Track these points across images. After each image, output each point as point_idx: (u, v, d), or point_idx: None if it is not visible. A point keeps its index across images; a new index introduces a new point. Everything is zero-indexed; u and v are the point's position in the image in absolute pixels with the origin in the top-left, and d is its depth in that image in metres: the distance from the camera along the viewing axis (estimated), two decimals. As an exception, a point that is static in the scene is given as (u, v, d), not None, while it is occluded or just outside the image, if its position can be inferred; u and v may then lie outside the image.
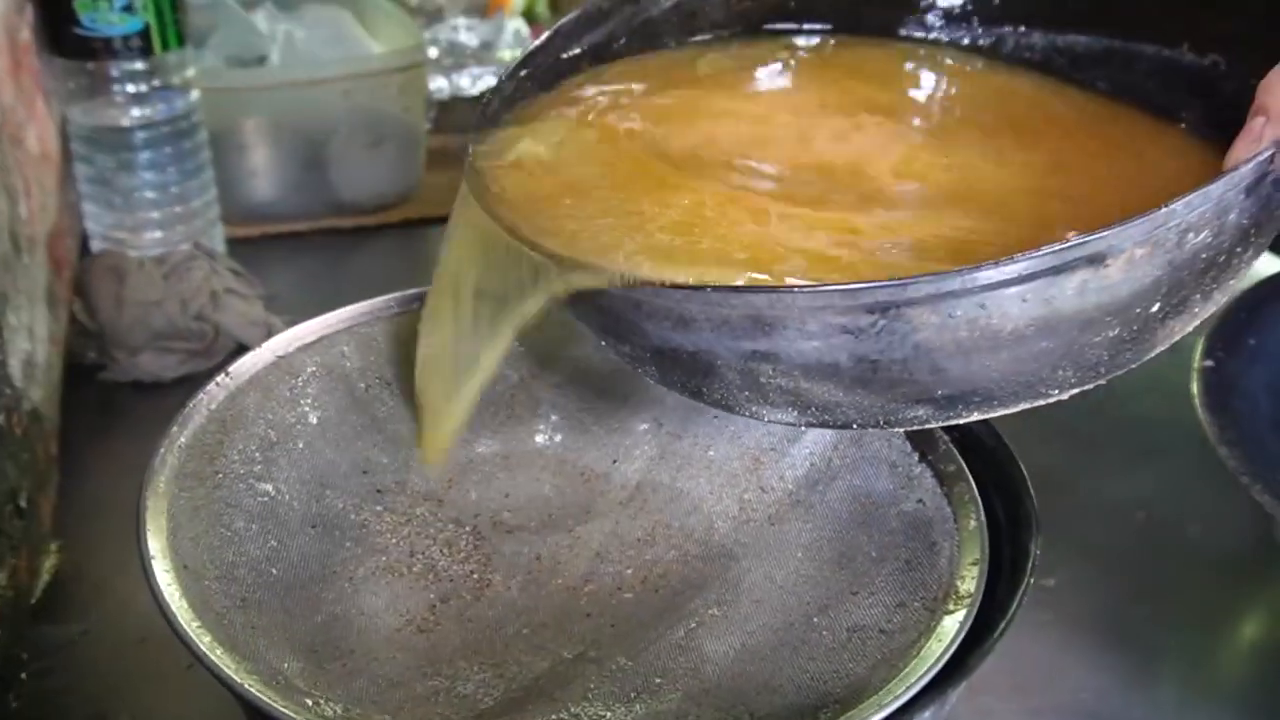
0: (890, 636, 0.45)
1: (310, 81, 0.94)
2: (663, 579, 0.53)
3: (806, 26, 0.58)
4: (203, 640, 0.41)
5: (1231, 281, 0.40)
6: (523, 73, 0.52)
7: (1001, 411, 0.41)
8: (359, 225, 0.99)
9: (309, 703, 0.42)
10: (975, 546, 0.46)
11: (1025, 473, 0.48)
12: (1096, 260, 0.35)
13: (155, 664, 0.53)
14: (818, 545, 0.52)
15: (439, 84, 1.12)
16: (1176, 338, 0.41)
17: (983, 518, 0.47)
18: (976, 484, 0.49)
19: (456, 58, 1.16)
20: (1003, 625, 0.41)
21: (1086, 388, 0.40)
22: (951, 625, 0.42)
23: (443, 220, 0.83)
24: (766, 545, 0.53)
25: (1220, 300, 0.40)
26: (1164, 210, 0.35)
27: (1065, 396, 0.41)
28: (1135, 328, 0.38)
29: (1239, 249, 0.38)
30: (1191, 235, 0.36)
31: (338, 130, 0.95)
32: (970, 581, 0.45)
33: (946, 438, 0.51)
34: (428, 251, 0.98)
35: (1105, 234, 0.35)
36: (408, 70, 0.97)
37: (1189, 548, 0.61)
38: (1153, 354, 0.41)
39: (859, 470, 0.54)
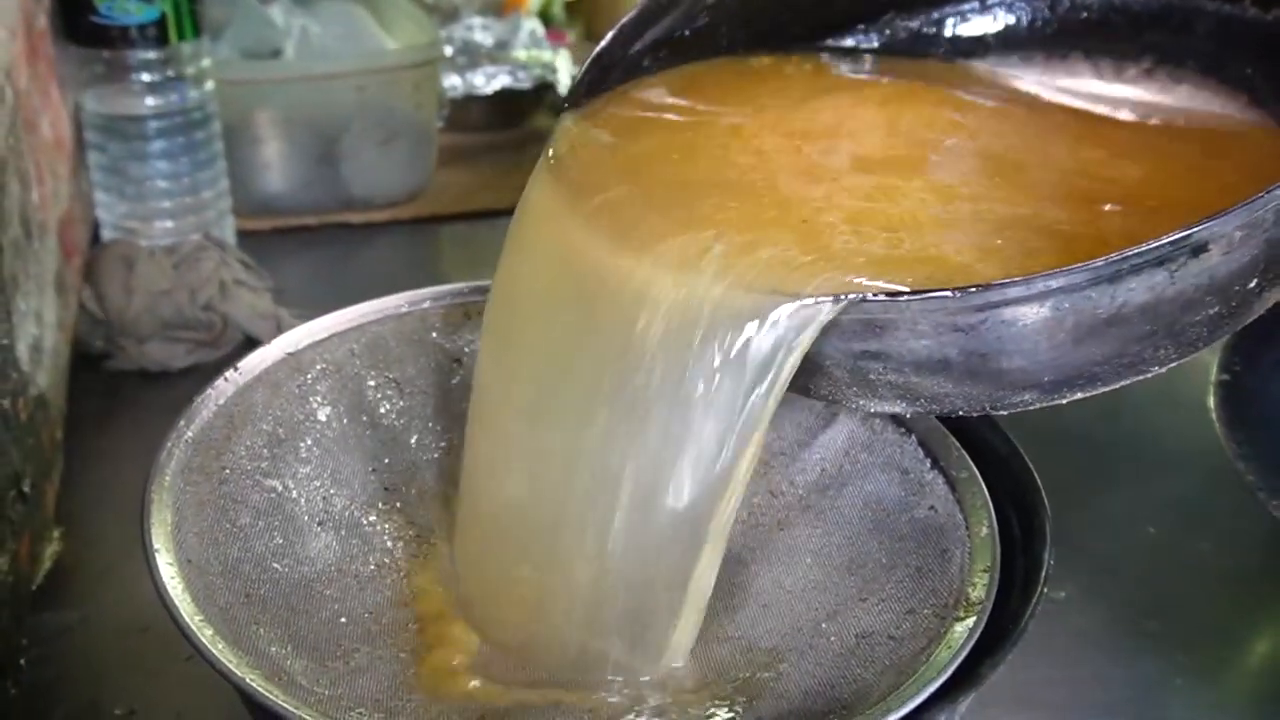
0: (899, 643, 0.44)
1: (325, 76, 0.94)
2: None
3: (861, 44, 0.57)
4: (204, 634, 0.40)
5: None
6: (589, 77, 0.50)
7: (1104, 389, 0.42)
8: (369, 221, 0.98)
9: (312, 699, 0.42)
10: (987, 553, 0.46)
11: (1040, 483, 0.48)
12: (1200, 248, 0.36)
13: (154, 654, 0.53)
14: (827, 551, 0.52)
15: (453, 82, 1.12)
16: (1270, 304, 0.42)
17: (994, 524, 0.47)
18: (991, 494, 0.48)
19: (471, 56, 1.16)
20: (1015, 634, 0.41)
21: (1185, 360, 0.42)
22: (962, 632, 0.42)
23: (453, 218, 0.83)
24: (775, 550, 0.53)
25: None
26: (1265, 196, 0.36)
27: (1164, 370, 0.42)
28: (1234, 303, 0.39)
29: None
30: None
31: (350, 126, 0.95)
32: (981, 589, 0.44)
33: (958, 444, 0.51)
34: (437, 249, 0.98)
35: (1210, 224, 0.35)
36: (423, 67, 0.97)
37: (1201, 563, 0.60)
38: (1249, 320, 0.42)
39: (870, 476, 0.53)
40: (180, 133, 0.82)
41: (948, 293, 0.36)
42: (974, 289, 0.36)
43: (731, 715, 0.44)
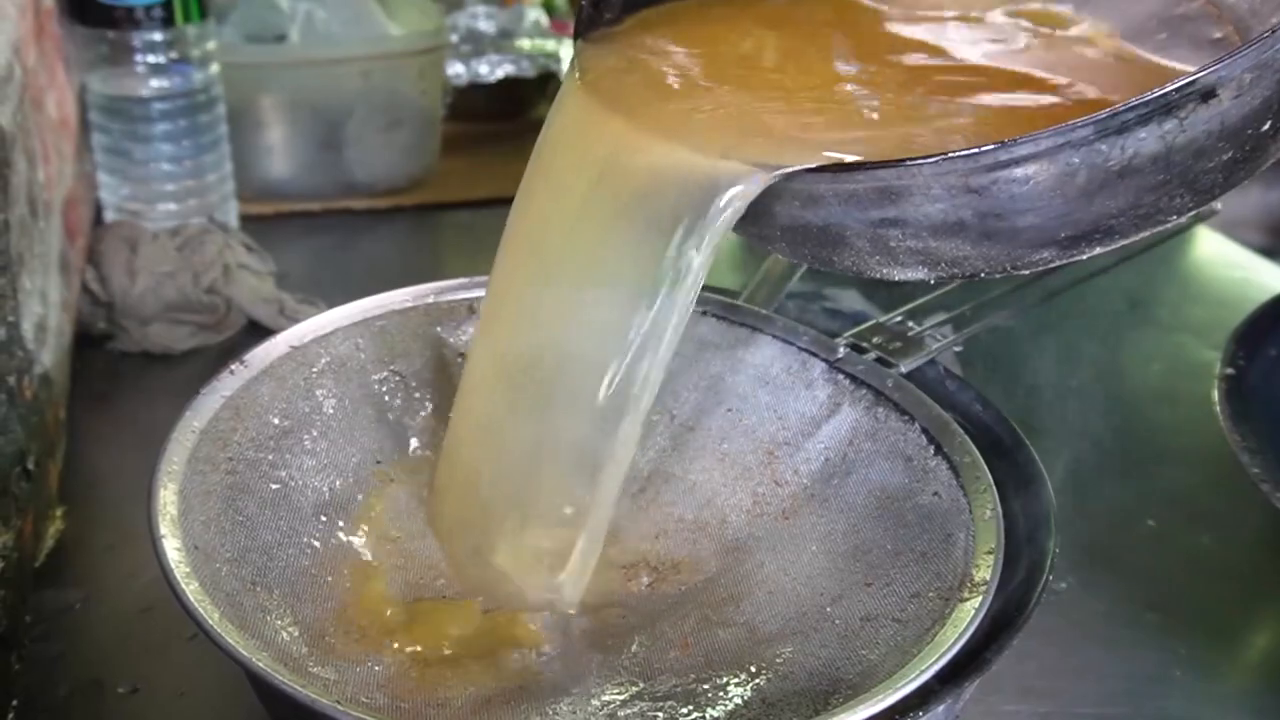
0: (904, 625, 0.45)
1: (330, 61, 0.94)
2: (675, 570, 0.53)
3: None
4: (212, 617, 0.40)
5: None
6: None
7: (1123, 242, 0.41)
8: (372, 207, 0.98)
9: (317, 684, 0.42)
10: (991, 536, 0.46)
11: (1045, 472, 0.48)
12: (1209, 94, 0.36)
13: (157, 634, 0.53)
14: (832, 538, 0.52)
15: (456, 70, 1.12)
16: None
17: (998, 507, 0.47)
18: (996, 483, 0.48)
19: (475, 45, 1.16)
20: (1021, 619, 0.41)
21: (1203, 208, 0.41)
22: (968, 612, 0.42)
23: (456, 206, 0.83)
24: (780, 538, 0.53)
25: None
26: (1272, 35, 0.35)
27: (1184, 219, 0.41)
28: (1248, 148, 0.39)
29: None
30: None
31: (355, 111, 0.95)
32: (986, 570, 0.44)
33: (961, 430, 0.51)
34: (439, 237, 0.98)
35: (1217, 68, 0.35)
36: (428, 54, 0.97)
37: (1202, 556, 0.61)
38: (1267, 165, 0.41)
39: (874, 464, 0.53)
40: (184, 115, 0.82)
41: (963, 152, 0.37)
42: (985, 149, 0.37)
43: (734, 697, 0.45)
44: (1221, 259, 0.94)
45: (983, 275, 0.43)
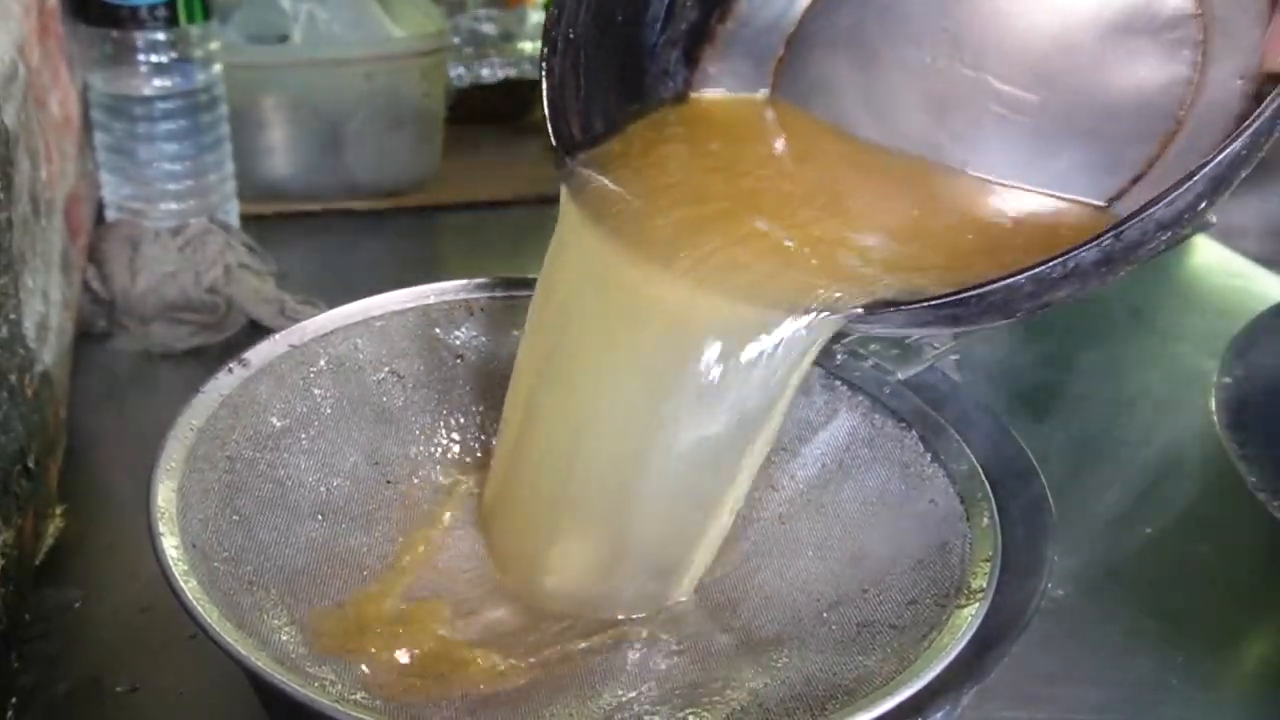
0: (901, 631, 0.45)
1: (333, 61, 0.94)
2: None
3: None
4: (211, 616, 0.40)
5: None
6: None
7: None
8: (373, 208, 0.98)
9: (315, 684, 0.42)
10: (988, 544, 0.46)
11: (1044, 480, 0.48)
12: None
13: (157, 633, 0.53)
14: (828, 544, 0.52)
15: (458, 72, 1.12)
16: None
17: (995, 516, 0.47)
18: (993, 490, 0.48)
19: (477, 47, 1.16)
20: (1020, 625, 0.41)
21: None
22: (964, 618, 0.42)
23: (457, 208, 0.83)
24: (776, 543, 0.53)
25: None
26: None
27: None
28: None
29: None
30: None
31: (357, 112, 0.95)
32: (982, 578, 0.44)
33: (958, 438, 0.51)
34: (440, 239, 0.98)
35: (1132, 222, 0.38)
36: (431, 55, 0.97)
37: (1200, 564, 0.61)
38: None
39: (871, 471, 0.54)
40: (187, 115, 0.82)
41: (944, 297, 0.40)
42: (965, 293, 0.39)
43: (730, 702, 0.45)
44: (1220, 267, 0.94)
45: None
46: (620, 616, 0.49)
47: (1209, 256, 0.95)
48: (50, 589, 0.55)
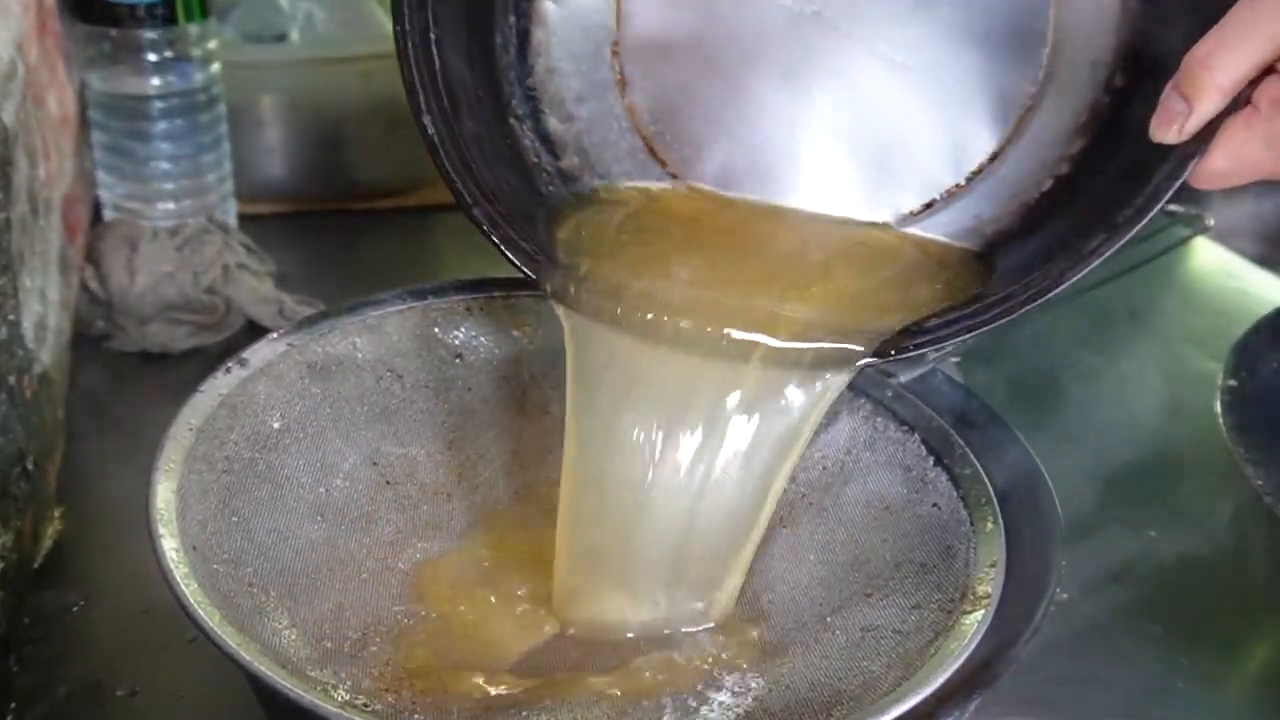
0: (905, 637, 0.45)
1: (330, 60, 0.93)
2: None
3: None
4: (212, 619, 0.40)
5: None
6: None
7: None
8: (371, 208, 0.98)
9: (317, 688, 0.42)
10: (993, 549, 0.46)
11: (1050, 482, 0.48)
12: None
13: (157, 636, 0.52)
14: (831, 548, 0.52)
15: (456, 72, 1.11)
16: None
17: (1000, 520, 0.47)
18: (999, 494, 0.48)
19: (475, 46, 1.15)
20: (1029, 632, 0.41)
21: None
22: (970, 625, 0.42)
23: (455, 208, 0.82)
24: (779, 548, 0.53)
25: None
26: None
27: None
28: None
29: None
30: None
31: (354, 112, 0.95)
32: (988, 584, 0.44)
33: (961, 441, 0.51)
34: (438, 238, 0.98)
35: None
36: (429, 54, 0.96)
37: (1205, 567, 0.60)
38: None
39: (873, 474, 0.53)
40: (185, 114, 0.81)
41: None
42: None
43: (735, 707, 0.45)
44: (1221, 269, 0.94)
45: None
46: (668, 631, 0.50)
47: (1209, 258, 0.95)
48: (49, 591, 0.55)
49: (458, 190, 0.52)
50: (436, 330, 0.58)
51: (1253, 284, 0.92)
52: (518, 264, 0.51)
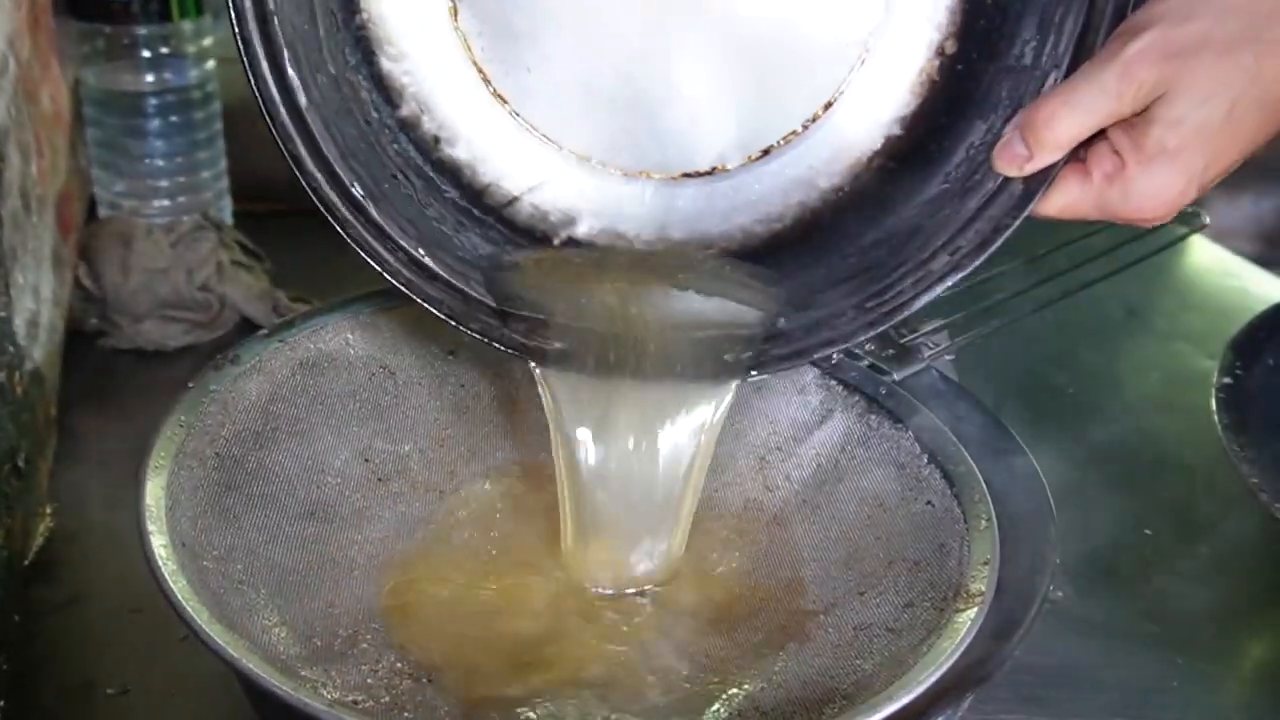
0: (898, 635, 0.45)
1: (326, 58, 0.93)
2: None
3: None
4: (200, 616, 0.40)
5: None
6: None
7: None
8: (367, 206, 0.98)
9: (305, 685, 0.42)
10: (986, 547, 0.46)
11: (1044, 480, 0.48)
12: None
13: (147, 635, 0.52)
14: (824, 546, 0.52)
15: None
16: None
17: (993, 518, 0.47)
18: (993, 493, 0.48)
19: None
20: (1022, 630, 0.41)
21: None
22: (962, 623, 0.42)
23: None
24: (771, 545, 0.53)
25: None
26: None
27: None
28: None
29: None
30: None
31: (351, 110, 0.95)
32: (981, 581, 0.44)
33: (955, 439, 0.51)
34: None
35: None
36: (425, 52, 0.96)
37: (1200, 565, 0.60)
38: None
39: (867, 472, 0.53)
40: (179, 111, 0.81)
41: None
42: None
43: (728, 704, 0.44)
44: (1218, 267, 0.94)
45: None
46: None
47: (1206, 256, 0.95)
48: (40, 589, 0.55)
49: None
50: (429, 327, 0.58)
51: (1250, 282, 0.92)
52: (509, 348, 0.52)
